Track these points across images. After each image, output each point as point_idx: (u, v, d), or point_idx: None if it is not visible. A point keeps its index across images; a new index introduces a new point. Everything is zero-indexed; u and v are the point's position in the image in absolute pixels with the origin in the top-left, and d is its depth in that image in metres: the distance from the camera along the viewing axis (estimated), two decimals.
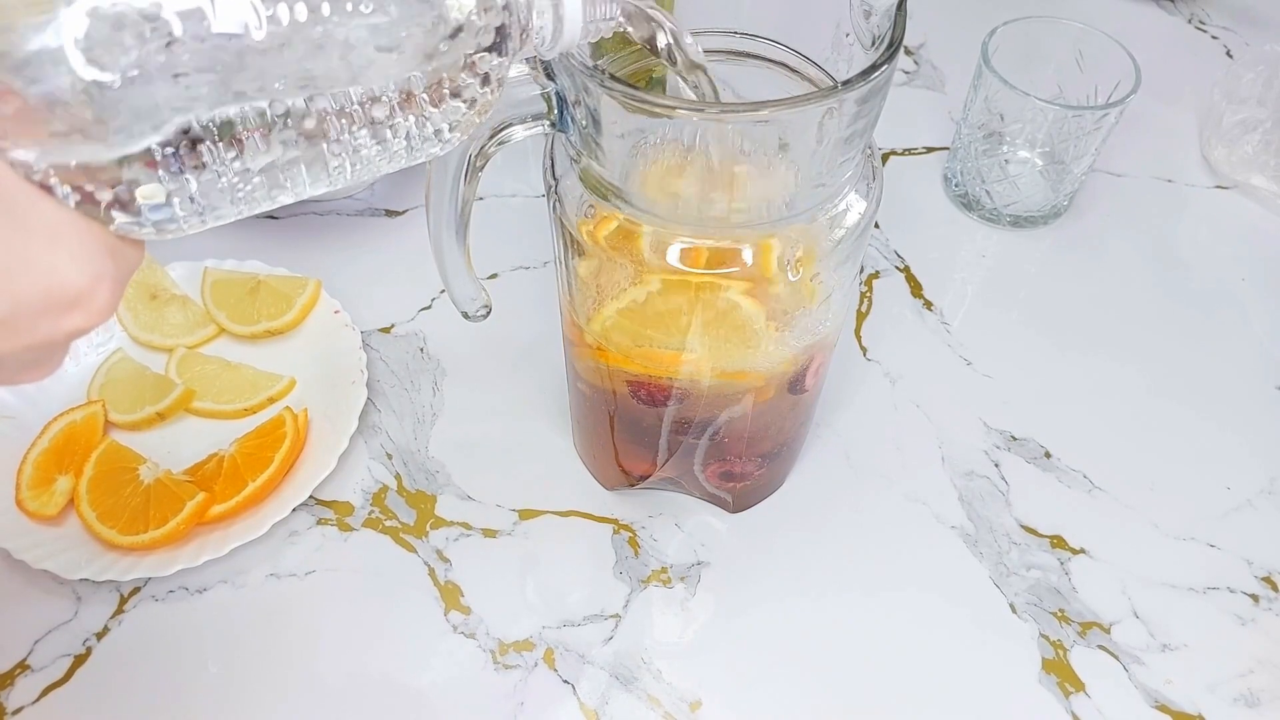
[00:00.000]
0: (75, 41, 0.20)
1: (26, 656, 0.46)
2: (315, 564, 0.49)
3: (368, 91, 0.24)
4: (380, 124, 0.25)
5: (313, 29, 0.23)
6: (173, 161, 0.23)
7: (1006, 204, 0.64)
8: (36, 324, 0.22)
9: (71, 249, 0.21)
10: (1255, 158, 0.67)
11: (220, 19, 0.22)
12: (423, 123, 0.26)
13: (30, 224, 0.21)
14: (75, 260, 0.22)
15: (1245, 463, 0.54)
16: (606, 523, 0.51)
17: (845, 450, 0.54)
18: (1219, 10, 0.82)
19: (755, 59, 0.39)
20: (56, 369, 0.25)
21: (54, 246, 0.21)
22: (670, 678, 0.46)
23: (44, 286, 0.21)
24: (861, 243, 0.38)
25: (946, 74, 0.76)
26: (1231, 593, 0.49)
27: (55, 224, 0.21)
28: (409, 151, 0.27)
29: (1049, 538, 0.51)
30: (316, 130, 0.24)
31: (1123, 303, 0.62)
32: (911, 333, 0.60)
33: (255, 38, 0.22)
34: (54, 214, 0.21)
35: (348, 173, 0.26)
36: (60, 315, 0.22)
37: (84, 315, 0.22)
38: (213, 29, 0.22)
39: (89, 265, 0.22)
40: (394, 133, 0.26)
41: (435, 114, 0.26)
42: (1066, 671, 0.47)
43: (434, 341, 0.58)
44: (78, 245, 0.22)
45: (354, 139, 0.25)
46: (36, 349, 0.23)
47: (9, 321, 0.21)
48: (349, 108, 0.24)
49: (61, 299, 0.22)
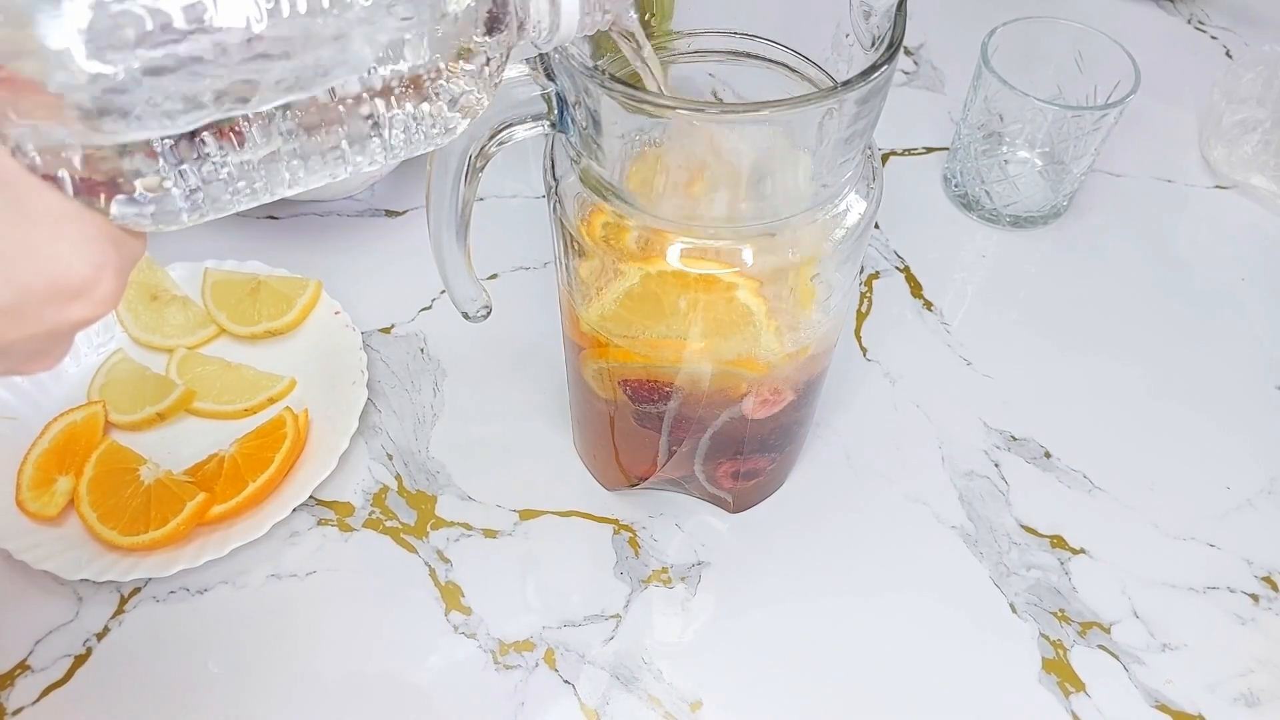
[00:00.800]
0: (79, 33, 0.20)
1: (27, 657, 0.46)
2: (316, 564, 0.49)
3: (368, 81, 0.25)
4: (380, 114, 0.25)
5: (314, 20, 0.23)
6: (172, 153, 0.23)
7: (1006, 204, 0.64)
8: (41, 313, 0.22)
9: (74, 238, 0.22)
10: (1255, 158, 0.67)
11: (222, 12, 0.22)
12: (421, 111, 0.26)
13: (33, 213, 0.21)
14: (78, 249, 0.22)
15: (1245, 463, 0.54)
16: (607, 523, 0.51)
17: (845, 450, 0.54)
18: (1219, 10, 0.82)
19: (755, 59, 0.39)
20: (61, 359, 0.25)
21: (57, 236, 0.21)
22: (671, 678, 0.46)
23: (48, 275, 0.21)
24: (861, 243, 0.38)
25: (946, 74, 0.76)
26: (1231, 592, 0.49)
27: (58, 214, 0.21)
28: (408, 143, 0.27)
29: (1049, 538, 0.51)
30: (317, 121, 0.24)
31: (1122, 303, 0.62)
32: (911, 333, 0.60)
33: (255, 30, 0.22)
34: (57, 204, 0.22)
35: (348, 164, 0.26)
36: (65, 304, 0.22)
37: (88, 305, 0.22)
38: (214, 22, 0.22)
39: (92, 254, 0.22)
40: (393, 123, 0.26)
41: (433, 103, 0.26)
42: (1066, 671, 0.47)
43: (434, 342, 0.58)
44: (80, 235, 0.22)
45: (354, 129, 0.25)
46: (42, 339, 0.23)
47: (13, 310, 0.21)
48: (349, 98, 0.25)
49: (65, 288, 0.22)
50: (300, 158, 0.25)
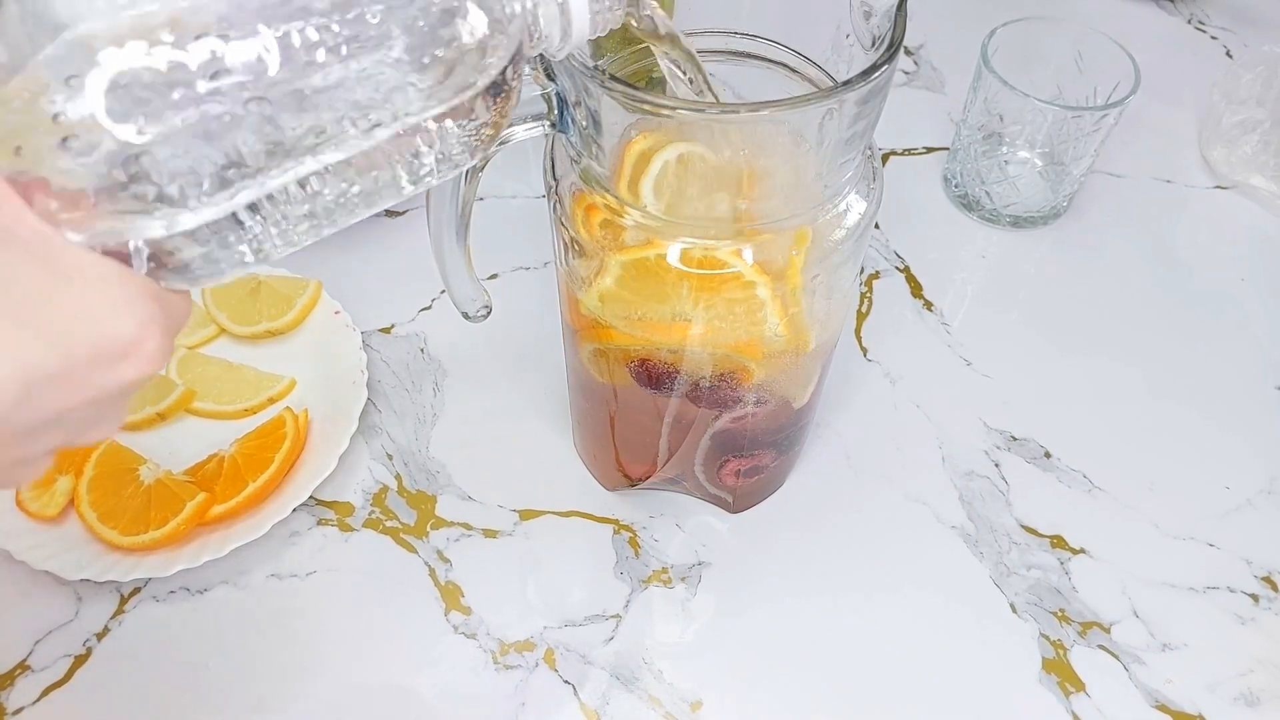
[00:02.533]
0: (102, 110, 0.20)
1: (27, 657, 0.46)
2: (316, 564, 0.49)
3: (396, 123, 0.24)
4: (407, 155, 0.25)
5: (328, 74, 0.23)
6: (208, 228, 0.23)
7: (1006, 204, 0.64)
8: (90, 376, 0.21)
9: (115, 298, 0.21)
10: (1254, 158, 0.67)
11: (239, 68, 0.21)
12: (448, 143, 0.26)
13: (73, 276, 0.21)
14: (120, 309, 0.21)
15: (1245, 463, 0.54)
16: (607, 523, 0.51)
17: (845, 450, 0.54)
18: (1219, 10, 0.82)
19: (755, 59, 0.39)
20: (118, 426, 0.25)
21: (98, 297, 0.21)
22: (671, 678, 0.46)
23: (92, 336, 0.21)
24: (862, 243, 0.38)
25: (946, 74, 0.76)
26: (1231, 592, 0.49)
27: (98, 275, 0.21)
28: (437, 174, 0.26)
29: (1049, 538, 0.51)
30: (351, 171, 0.24)
31: (1122, 303, 0.62)
32: (911, 333, 0.60)
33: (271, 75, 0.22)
34: (95, 266, 0.21)
35: (382, 201, 0.26)
36: (113, 365, 0.22)
37: (136, 364, 0.22)
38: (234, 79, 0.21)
39: (135, 313, 0.22)
40: (423, 159, 0.26)
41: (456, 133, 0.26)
42: (1066, 671, 0.47)
43: (434, 342, 0.58)
44: (121, 294, 0.22)
45: (388, 172, 0.25)
46: (95, 404, 0.22)
47: (62, 376, 0.21)
48: (379, 144, 0.24)
49: (111, 348, 0.21)
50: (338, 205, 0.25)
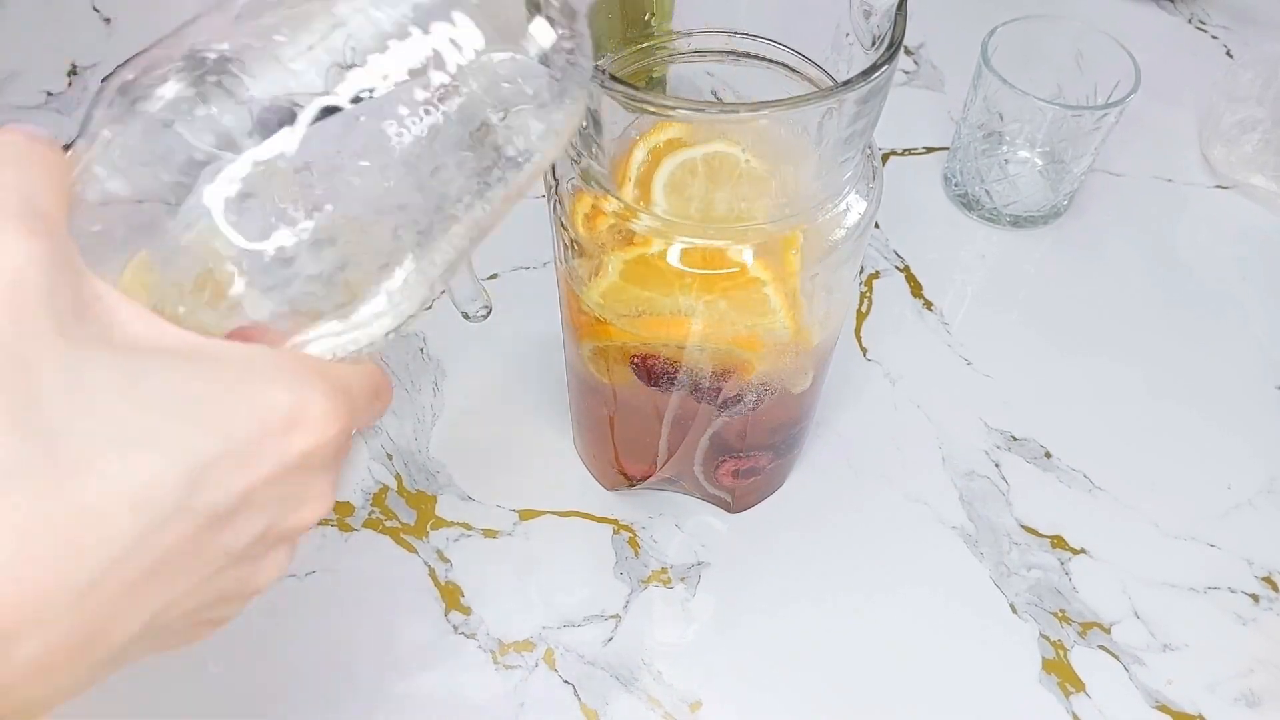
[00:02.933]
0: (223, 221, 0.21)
1: None
2: (315, 564, 0.49)
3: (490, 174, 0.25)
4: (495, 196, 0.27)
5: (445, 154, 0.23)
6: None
7: (1006, 204, 0.64)
8: (261, 452, 0.21)
9: (266, 375, 0.22)
10: (1255, 157, 0.67)
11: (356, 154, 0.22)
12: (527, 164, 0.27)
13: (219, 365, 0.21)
14: (272, 383, 0.22)
15: (1245, 463, 0.54)
16: (606, 523, 0.51)
17: (845, 450, 0.54)
18: (1219, 10, 0.82)
19: (755, 59, 0.39)
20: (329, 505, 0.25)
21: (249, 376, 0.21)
22: (671, 678, 0.46)
23: (248, 412, 0.21)
24: (861, 243, 0.38)
25: (946, 74, 0.76)
26: (1232, 593, 0.49)
27: (244, 357, 0.21)
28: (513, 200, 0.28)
29: (1049, 538, 0.51)
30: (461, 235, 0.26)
31: (1122, 303, 0.62)
32: (911, 333, 0.60)
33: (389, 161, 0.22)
34: (241, 349, 0.22)
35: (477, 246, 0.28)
36: (281, 437, 0.21)
37: (305, 433, 0.22)
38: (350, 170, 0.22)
39: (288, 384, 0.22)
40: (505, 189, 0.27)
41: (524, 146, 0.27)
42: (1067, 671, 0.47)
43: (434, 342, 0.58)
44: (272, 370, 0.22)
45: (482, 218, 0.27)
46: (282, 480, 0.22)
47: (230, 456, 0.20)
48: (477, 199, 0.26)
49: (272, 420, 0.21)
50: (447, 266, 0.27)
